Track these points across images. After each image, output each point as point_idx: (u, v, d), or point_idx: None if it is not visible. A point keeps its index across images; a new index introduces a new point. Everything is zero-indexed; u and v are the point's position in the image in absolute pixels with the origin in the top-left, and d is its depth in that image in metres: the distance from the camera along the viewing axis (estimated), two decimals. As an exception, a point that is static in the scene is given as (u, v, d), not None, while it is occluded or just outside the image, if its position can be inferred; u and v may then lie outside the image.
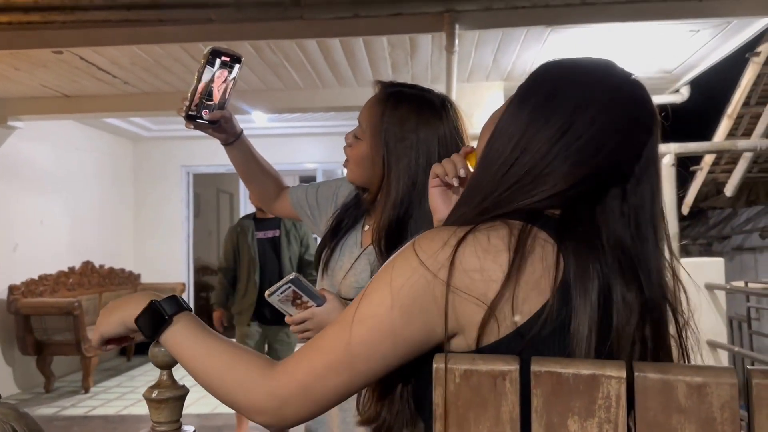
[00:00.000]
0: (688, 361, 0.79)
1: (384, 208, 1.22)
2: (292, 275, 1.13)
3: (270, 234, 3.93)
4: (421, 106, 1.23)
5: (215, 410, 4.73)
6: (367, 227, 1.32)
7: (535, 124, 0.75)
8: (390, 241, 1.18)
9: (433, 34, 3.35)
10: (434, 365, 0.67)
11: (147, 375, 6.21)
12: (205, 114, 1.30)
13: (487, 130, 0.83)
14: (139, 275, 7.33)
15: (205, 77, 1.27)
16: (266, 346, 3.93)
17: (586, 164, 0.73)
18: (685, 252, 7.74)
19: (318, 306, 1.14)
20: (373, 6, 3.16)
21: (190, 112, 1.29)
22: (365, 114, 1.27)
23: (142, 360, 6.87)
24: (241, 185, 8.01)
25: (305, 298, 1.13)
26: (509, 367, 0.65)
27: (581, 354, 0.67)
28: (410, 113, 1.22)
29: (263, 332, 3.86)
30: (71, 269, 6.19)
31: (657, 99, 4.41)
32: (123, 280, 7.01)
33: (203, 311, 8.02)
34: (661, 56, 3.79)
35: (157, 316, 0.78)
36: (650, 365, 0.63)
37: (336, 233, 1.33)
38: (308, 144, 7.61)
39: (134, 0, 3.15)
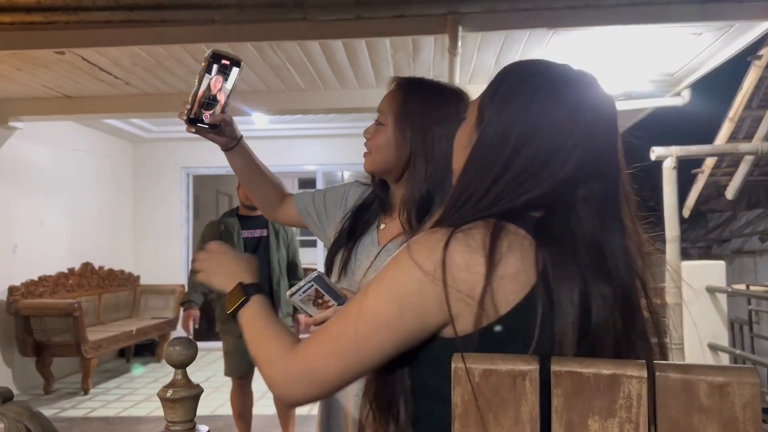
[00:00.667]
0: (664, 350, 0.81)
1: (413, 184, 1.26)
2: (316, 273, 1.13)
3: (257, 233, 3.63)
4: (441, 89, 1.31)
5: (215, 412, 4.72)
6: (383, 226, 1.35)
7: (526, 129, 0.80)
8: (420, 214, 1.23)
9: (436, 36, 3.35)
10: (453, 365, 0.67)
11: (146, 377, 6.20)
12: (206, 117, 1.30)
13: (462, 141, 0.89)
14: (138, 277, 7.32)
15: (206, 81, 1.26)
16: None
17: (565, 169, 0.78)
18: (685, 255, 7.74)
19: (339, 305, 1.13)
20: (376, 8, 3.16)
21: (191, 116, 1.29)
22: (387, 100, 1.32)
23: (142, 361, 6.85)
24: (241, 187, 7.99)
25: (327, 297, 1.13)
26: (529, 366, 0.65)
27: (566, 346, 0.70)
28: (432, 94, 1.30)
29: None
30: (71, 270, 6.17)
31: (658, 102, 4.42)
32: (122, 282, 7.00)
33: (202, 313, 7.98)
34: (662, 59, 3.79)
35: (240, 293, 0.95)
36: (671, 365, 0.63)
37: (353, 235, 1.35)
38: (308, 146, 7.59)
39: (137, 1, 3.14)
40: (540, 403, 0.65)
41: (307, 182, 11.89)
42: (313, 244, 8.30)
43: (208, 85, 1.27)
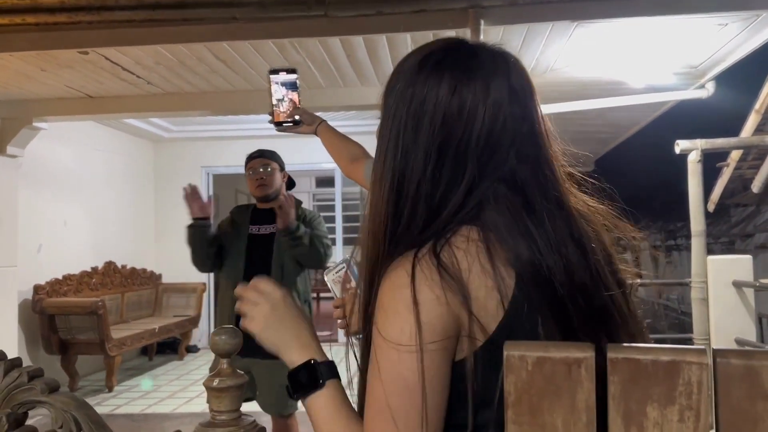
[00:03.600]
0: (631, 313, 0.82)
1: None
2: (347, 256, 1.12)
3: (269, 229, 2.99)
4: None
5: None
6: None
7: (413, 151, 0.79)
8: None
9: (457, 30, 3.33)
10: (506, 352, 0.66)
11: (169, 374, 6.25)
12: (280, 118, 1.66)
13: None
14: (160, 275, 7.38)
15: (274, 94, 1.64)
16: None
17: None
18: (708, 250, 7.64)
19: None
20: (397, 3, 3.14)
21: (275, 122, 1.66)
22: None
23: (165, 359, 6.91)
24: (260, 185, 8.01)
25: (353, 284, 1.13)
26: (585, 354, 0.64)
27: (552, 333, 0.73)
28: None
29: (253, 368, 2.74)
30: (94, 269, 6.24)
31: (682, 95, 4.36)
32: (144, 281, 7.06)
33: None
34: (686, 51, 3.74)
35: (313, 378, 0.80)
36: (733, 351, 0.62)
37: None
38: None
39: (159, 0, 3.16)
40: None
41: (325, 180, 11.90)
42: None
43: (277, 97, 1.63)
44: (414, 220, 0.78)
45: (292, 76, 1.64)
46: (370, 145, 1.79)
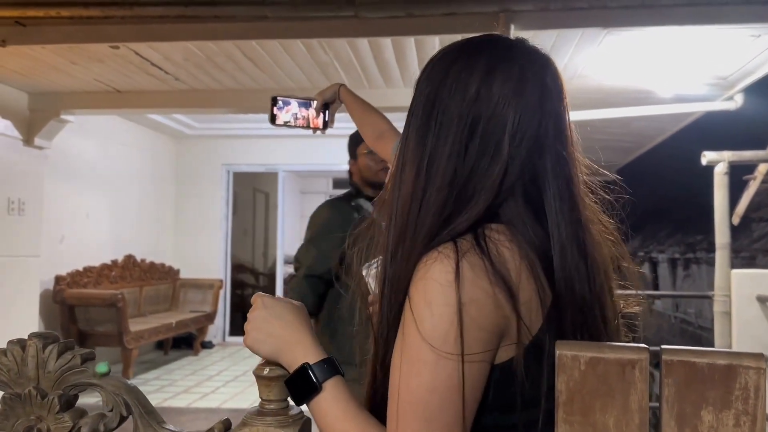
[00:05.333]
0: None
1: None
2: None
3: None
4: None
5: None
6: None
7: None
8: None
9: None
10: (558, 351, 0.66)
11: (184, 369, 6.29)
12: (301, 122, 1.82)
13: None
14: (178, 270, 7.44)
15: (293, 116, 1.81)
16: None
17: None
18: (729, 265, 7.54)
19: None
20: (427, 5, 3.14)
21: (310, 127, 1.83)
22: None
23: (180, 354, 6.96)
24: (279, 184, 8.07)
25: None
26: (639, 356, 0.64)
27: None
28: None
29: None
30: (114, 262, 6.31)
31: (710, 106, 4.32)
32: (163, 275, 7.12)
33: (238, 308, 8.09)
34: (717, 61, 3.70)
35: (308, 382, 0.76)
36: (791, 357, 0.61)
37: None
38: (345, 145, 7.62)
39: (192, -4, 3.19)
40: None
41: (343, 182, 11.93)
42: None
43: (299, 118, 1.81)
44: (439, 209, 0.77)
45: (292, 100, 1.83)
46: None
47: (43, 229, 4.80)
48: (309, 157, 7.37)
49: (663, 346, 0.64)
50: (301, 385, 0.76)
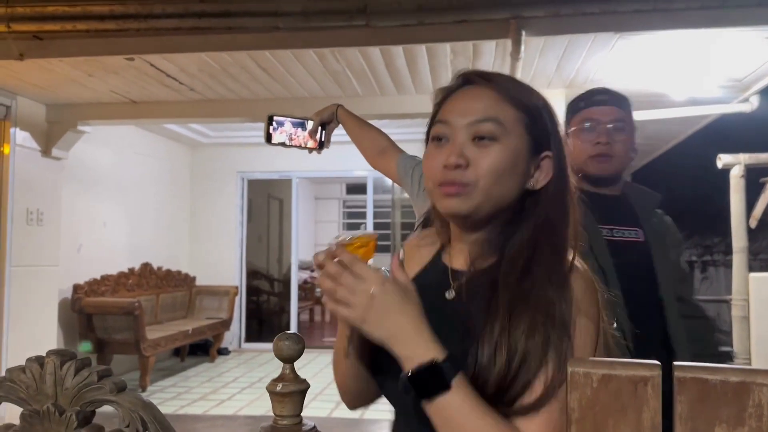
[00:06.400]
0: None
1: None
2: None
3: (630, 236, 1.65)
4: None
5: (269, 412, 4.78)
6: None
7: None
8: None
9: (497, 40, 3.33)
10: (570, 369, 0.66)
11: (200, 376, 6.33)
12: (303, 143, 1.85)
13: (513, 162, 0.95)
14: (194, 278, 7.49)
15: (287, 137, 1.81)
16: None
17: None
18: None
19: None
20: (438, 13, 3.15)
21: (310, 148, 1.85)
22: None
23: (196, 361, 7.00)
24: (293, 191, 8.11)
25: None
26: (651, 373, 0.64)
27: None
28: None
29: None
30: (131, 270, 6.36)
31: (724, 108, 4.28)
32: (179, 282, 7.17)
33: (254, 315, 8.12)
34: (731, 64, 3.68)
35: (440, 380, 0.74)
36: (804, 373, 0.61)
37: None
38: (359, 151, 7.63)
39: (205, 8, 3.22)
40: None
41: (357, 188, 11.94)
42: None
43: (297, 138, 1.82)
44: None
45: (286, 118, 1.83)
46: (413, 151, 1.80)
47: (61, 239, 4.85)
48: (322, 164, 7.39)
49: (675, 363, 0.64)
50: (428, 381, 0.74)
